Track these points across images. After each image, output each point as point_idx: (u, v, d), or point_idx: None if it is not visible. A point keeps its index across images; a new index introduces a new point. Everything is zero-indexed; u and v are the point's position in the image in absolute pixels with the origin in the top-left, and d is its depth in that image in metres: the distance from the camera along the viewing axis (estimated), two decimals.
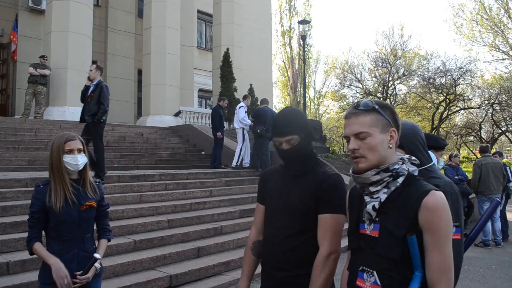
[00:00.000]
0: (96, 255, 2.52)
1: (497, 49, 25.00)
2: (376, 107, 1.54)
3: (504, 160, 13.25)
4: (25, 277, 3.99)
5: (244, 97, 10.65)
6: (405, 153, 1.88)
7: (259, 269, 2.12)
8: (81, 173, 2.60)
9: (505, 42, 24.69)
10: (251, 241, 2.17)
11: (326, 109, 40.20)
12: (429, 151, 2.09)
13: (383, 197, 1.51)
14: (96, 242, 2.71)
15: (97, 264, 2.52)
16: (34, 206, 2.49)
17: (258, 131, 9.36)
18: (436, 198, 1.42)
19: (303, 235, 1.94)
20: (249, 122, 9.89)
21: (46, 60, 11.39)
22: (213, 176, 8.74)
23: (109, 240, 2.76)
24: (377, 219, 1.53)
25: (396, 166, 1.53)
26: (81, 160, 2.53)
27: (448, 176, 8.53)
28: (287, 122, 1.96)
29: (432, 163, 2.01)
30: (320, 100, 40.19)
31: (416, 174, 1.54)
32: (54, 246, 2.51)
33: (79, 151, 2.54)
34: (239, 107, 10.05)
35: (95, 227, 2.72)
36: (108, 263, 4.52)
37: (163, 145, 11.30)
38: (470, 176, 9.74)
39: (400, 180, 1.51)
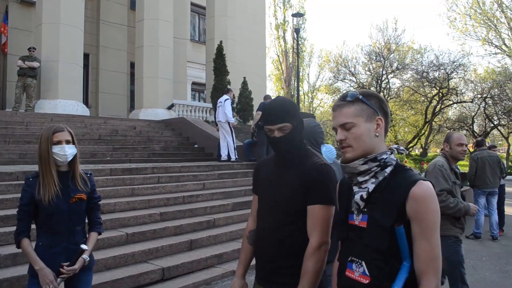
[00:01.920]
0: (83, 246, 2.49)
1: (490, 43, 25.13)
2: (360, 97, 1.55)
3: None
4: (16, 270, 3.96)
5: (227, 91, 10.59)
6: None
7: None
8: (71, 165, 2.58)
9: (498, 36, 24.81)
10: (248, 230, 2.21)
11: (320, 102, 40.31)
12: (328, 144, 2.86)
13: (371, 187, 1.51)
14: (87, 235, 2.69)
15: (84, 256, 2.49)
16: (23, 199, 2.48)
17: (260, 123, 9.35)
18: (424, 188, 1.42)
19: (292, 226, 1.94)
20: (232, 119, 9.83)
21: (35, 52, 11.25)
22: (206, 169, 8.72)
23: (99, 233, 2.73)
24: (365, 209, 1.53)
25: (384, 156, 1.53)
26: (70, 151, 2.51)
27: None
28: (279, 110, 1.95)
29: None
30: (314, 93, 40.24)
31: (394, 162, 1.54)
32: (43, 238, 2.49)
33: (68, 142, 2.52)
34: (225, 100, 9.93)
35: (86, 220, 2.70)
36: (100, 256, 4.51)
37: (156, 138, 11.25)
38: (462, 169, 9.79)
39: (388, 170, 1.51)
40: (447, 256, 3.40)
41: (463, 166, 13.06)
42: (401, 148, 1.63)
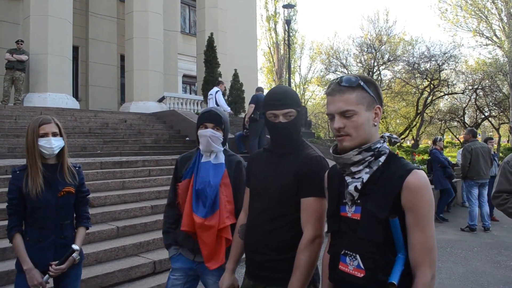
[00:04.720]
0: (75, 246, 2.45)
1: (481, 35, 25.12)
2: (361, 83, 1.47)
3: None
4: (4, 265, 3.91)
5: (218, 83, 10.57)
6: None
7: None
8: (59, 158, 2.53)
9: (488, 27, 24.82)
10: (239, 224, 2.17)
11: (312, 94, 40.23)
12: None
13: (365, 177, 1.47)
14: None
15: (75, 255, 2.45)
16: (12, 192, 2.43)
17: (252, 115, 9.29)
18: (418, 178, 1.39)
19: (284, 218, 1.90)
20: (228, 108, 9.83)
21: (23, 44, 11.08)
22: None
23: (87, 228, 2.68)
24: (358, 201, 1.48)
25: (378, 145, 1.49)
26: (56, 143, 2.46)
27: (440, 160, 8.67)
28: (285, 95, 1.94)
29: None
30: (306, 85, 40.18)
31: (387, 151, 1.50)
32: (31, 233, 2.44)
33: (54, 134, 2.46)
34: (216, 92, 9.90)
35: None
36: (90, 250, 4.47)
37: (147, 131, 11.17)
38: (452, 160, 9.82)
39: (382, 159, 1.47)
40: None
41: (454, 157, 13.14)
42: (394, 136, 1.59)
